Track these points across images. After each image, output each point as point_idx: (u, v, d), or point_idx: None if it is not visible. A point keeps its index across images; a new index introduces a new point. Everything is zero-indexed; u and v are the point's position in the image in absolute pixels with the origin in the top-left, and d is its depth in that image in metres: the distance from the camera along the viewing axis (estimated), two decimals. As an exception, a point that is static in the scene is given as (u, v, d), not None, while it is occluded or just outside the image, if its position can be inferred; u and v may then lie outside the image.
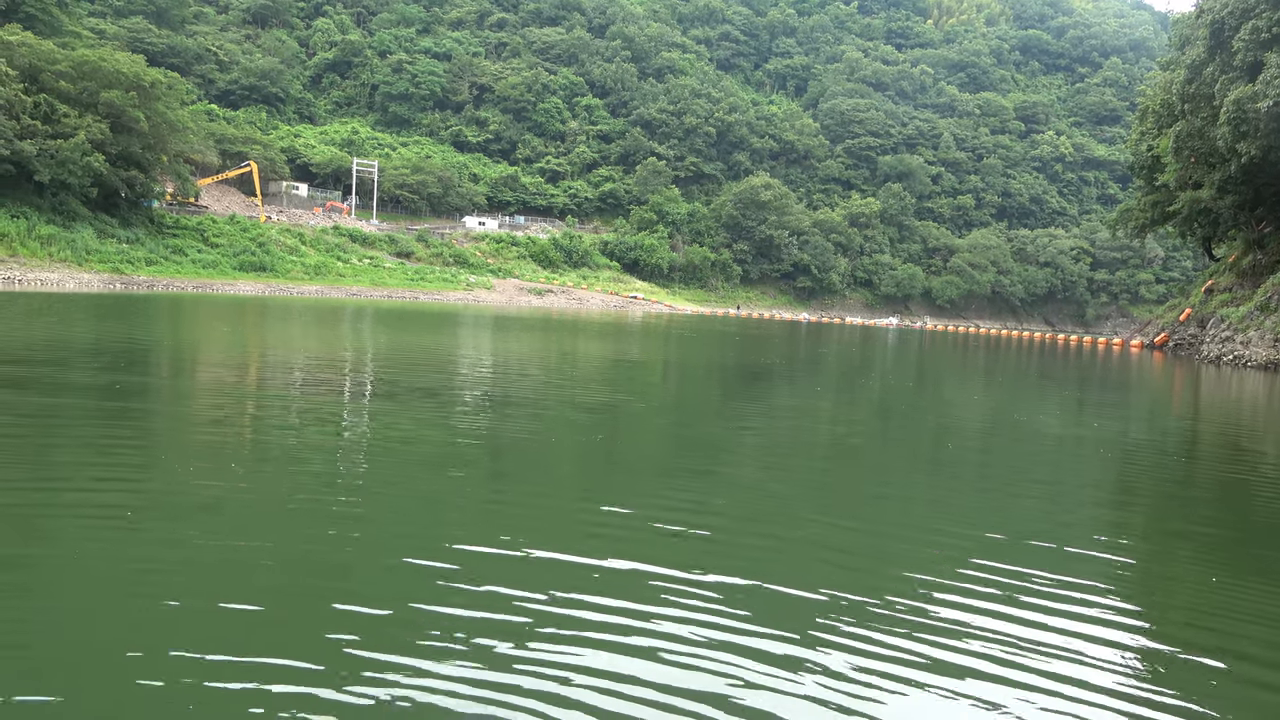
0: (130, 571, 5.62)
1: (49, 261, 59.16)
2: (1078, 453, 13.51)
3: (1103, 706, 4.49)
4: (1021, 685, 4.66)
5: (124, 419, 11.18)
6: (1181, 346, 52.69)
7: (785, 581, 6.00)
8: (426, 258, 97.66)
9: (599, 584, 5.76)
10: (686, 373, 24.86)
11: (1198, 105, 47.52)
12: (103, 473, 8.11)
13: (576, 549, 6.46)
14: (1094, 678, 4.80)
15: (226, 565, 5.75)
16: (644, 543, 6.77)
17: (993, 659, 4.95)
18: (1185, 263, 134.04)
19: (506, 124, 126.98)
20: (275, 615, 5.02)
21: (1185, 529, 8.62)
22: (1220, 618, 5.85)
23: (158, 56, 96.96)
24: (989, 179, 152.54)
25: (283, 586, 5.46)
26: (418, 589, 5.52)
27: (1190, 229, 59.17)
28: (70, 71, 64.82)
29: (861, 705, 4.34)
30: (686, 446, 12.11)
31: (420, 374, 19.10)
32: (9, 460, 8.38)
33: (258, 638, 4.71)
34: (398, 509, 7.39)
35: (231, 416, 11.92)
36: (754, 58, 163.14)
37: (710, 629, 5.10)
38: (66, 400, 12.21)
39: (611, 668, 4.55)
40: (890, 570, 6.51)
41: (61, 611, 4.93)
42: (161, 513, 6.91)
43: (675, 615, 5.28)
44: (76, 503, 7.12)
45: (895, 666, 4.77)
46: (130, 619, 4.88)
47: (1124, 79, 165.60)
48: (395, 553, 6.19)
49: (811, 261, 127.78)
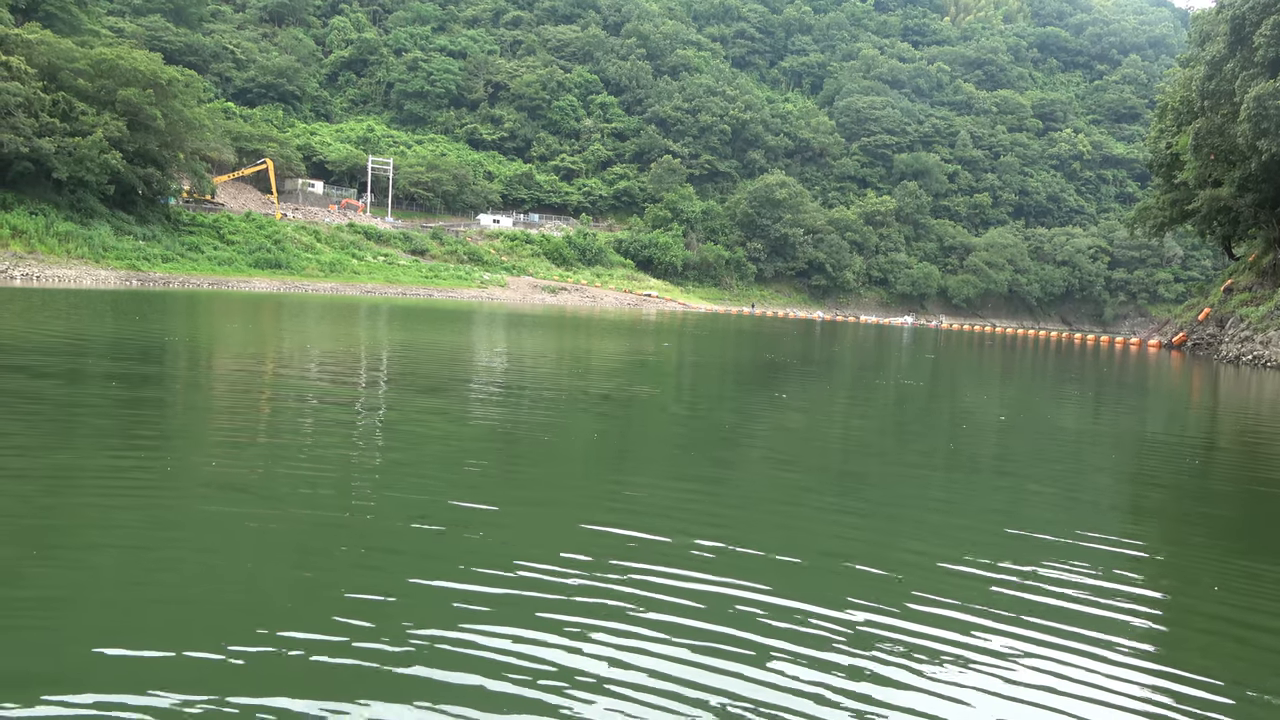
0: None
1: (66, 258, 59.58)
2: (1096, 468, 13.33)
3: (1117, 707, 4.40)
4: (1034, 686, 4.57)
5: (189, 407, 11.22)
6: (1200, 346, 52.14)
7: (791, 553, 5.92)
8: (441, 255, 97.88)
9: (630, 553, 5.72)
10: (701, 371, 24.76)
11: (1218, 102, 47.00)
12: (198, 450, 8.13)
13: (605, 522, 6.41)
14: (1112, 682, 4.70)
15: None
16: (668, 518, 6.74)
17: (1006, 657, 4.87)
18: (1205, 262, 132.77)
19: (521, 122, 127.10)
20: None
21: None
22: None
23: (175, 55, 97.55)
24: (1006, 177, 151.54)
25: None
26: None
27: (1210, 227, 58.55)
28: (88, 69, 65.27)
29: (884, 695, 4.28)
30: (708, 439, 12.03)
31: (452, 370, 19.10)
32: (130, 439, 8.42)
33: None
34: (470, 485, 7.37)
35: (288, 410, 11.94)
36: (769, 55, 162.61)
37: (717, 620, 5.04)
38: (121, 392, 12.30)
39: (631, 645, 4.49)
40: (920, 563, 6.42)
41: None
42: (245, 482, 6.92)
43: (697, 593, 5.24)
44: (123, 474, 7.14)
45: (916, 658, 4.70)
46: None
47: (1143, 76, 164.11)
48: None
49: (826, 260, 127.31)
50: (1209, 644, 5.44)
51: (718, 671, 4.54)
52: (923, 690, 4.50)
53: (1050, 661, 4.94)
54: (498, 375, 19.10)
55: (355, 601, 5.16)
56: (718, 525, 7.35)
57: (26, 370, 14.50)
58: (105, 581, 5.39)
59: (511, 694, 4.20)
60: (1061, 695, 4.54)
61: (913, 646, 4.99)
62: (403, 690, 4.15)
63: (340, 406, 12.87)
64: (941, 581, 6.16)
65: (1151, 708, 4.50)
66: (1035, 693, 4.56)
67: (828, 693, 4.39)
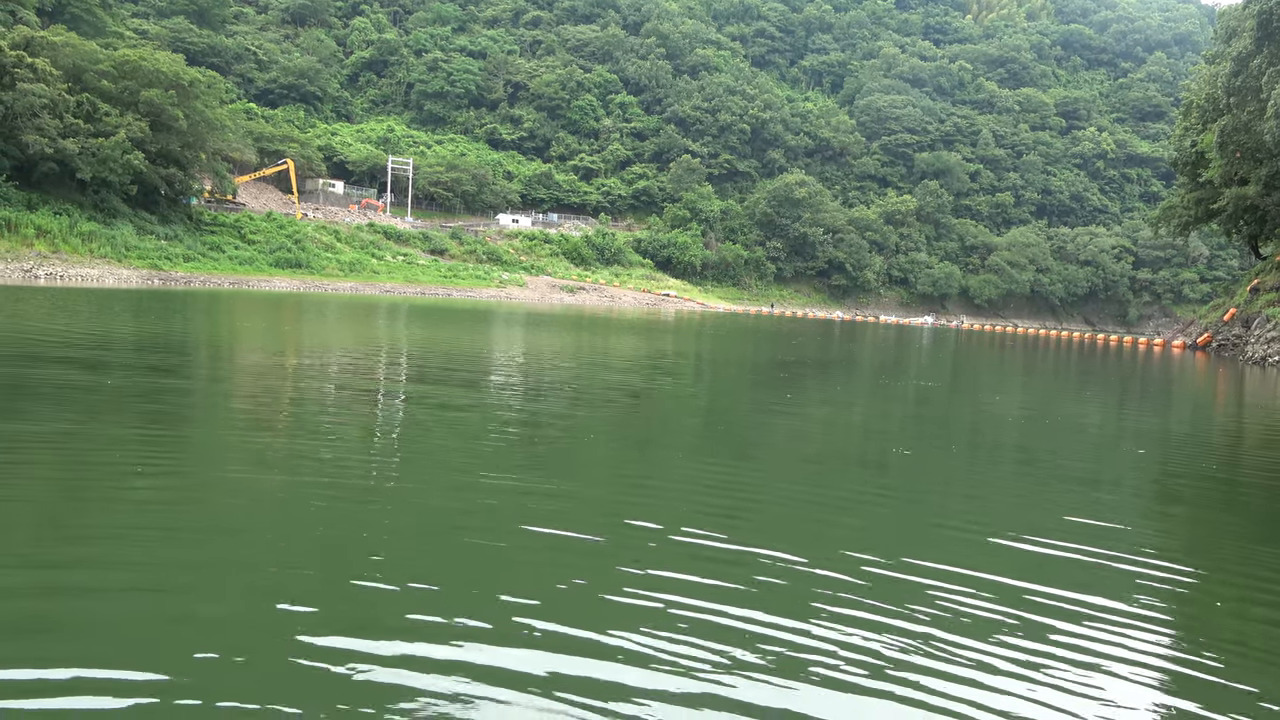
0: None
1: (89, 258, 60.17)
2: (1117, 474, 13.10)
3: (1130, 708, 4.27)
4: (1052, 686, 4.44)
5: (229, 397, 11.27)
6: (1225, 347, 51.39)
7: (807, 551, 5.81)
8: (460, 255, 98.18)
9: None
10: (719, 369, 24.63)
11: (1244, 99, 46.30)
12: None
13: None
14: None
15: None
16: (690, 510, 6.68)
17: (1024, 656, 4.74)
18: (1231, 261, 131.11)
19: (541, 121, 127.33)
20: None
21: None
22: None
23: (198, 56, 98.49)
24: (1029, 176, 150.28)
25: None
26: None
27: (1235, 226, 57.73)
28: (112, 71, 65.90)
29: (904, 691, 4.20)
30: (726, 437, 11.93)
31: (488, 367, 19.08)
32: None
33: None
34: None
35: (328, 408, 11.95)
36: (790, 54, 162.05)
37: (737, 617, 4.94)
38: (175, 383, 12.42)
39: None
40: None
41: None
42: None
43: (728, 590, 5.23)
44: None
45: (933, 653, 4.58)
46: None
47: (1169, 74, 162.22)
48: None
49: (846, 259, 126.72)
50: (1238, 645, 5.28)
51: (730, 671, 4.47)
52: (948, 689, 4.43)
53: (1077, 668, 4.83)
54: (520, 372, 19.06)
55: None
56: (732, 518, 7.25)
57: (78, 363, 15.45)
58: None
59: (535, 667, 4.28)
60: (1091, 701, 4.43)
61: (935, 646, 4.89)
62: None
63: (387, 399, 12.87)
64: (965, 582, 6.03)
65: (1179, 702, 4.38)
66: (1062, 696, 4.46)
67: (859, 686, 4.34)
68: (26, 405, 10.94)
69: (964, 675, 4.61)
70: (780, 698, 4.22)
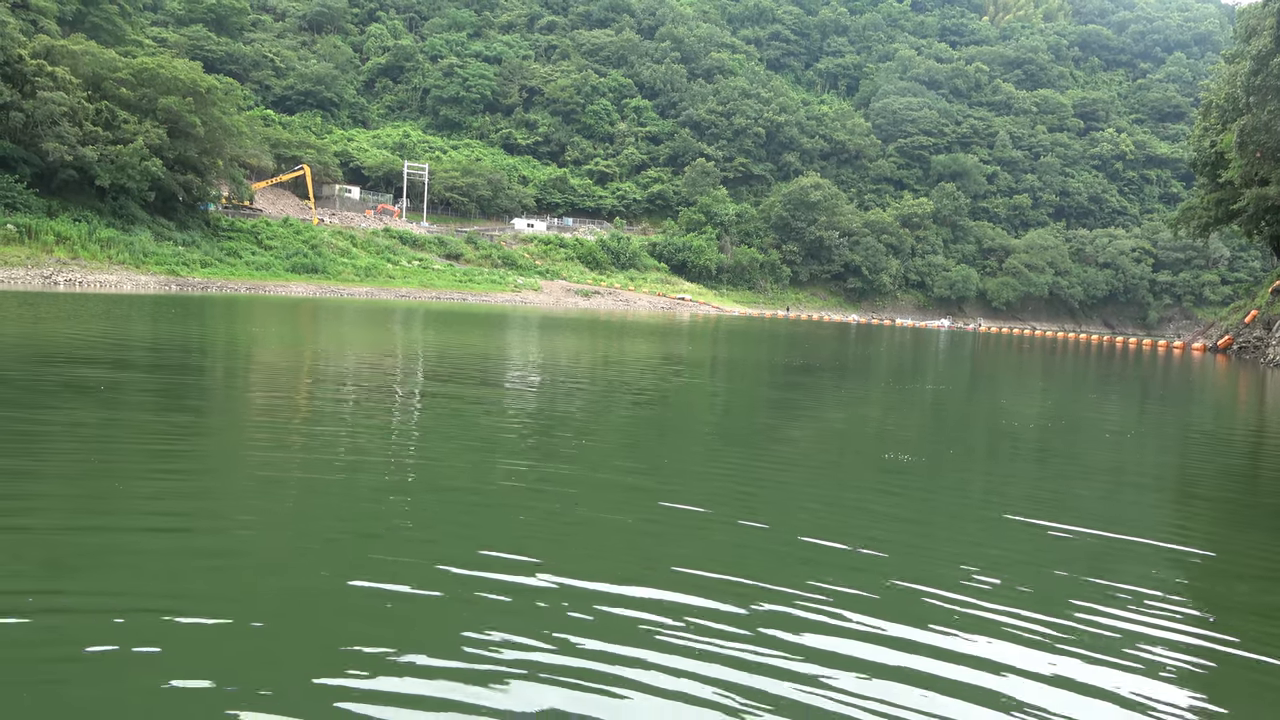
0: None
1: (108, 264, 60.69)
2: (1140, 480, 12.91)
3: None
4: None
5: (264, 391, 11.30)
6: (1246, 350, 50.78)
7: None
8: (475, 259, 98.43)
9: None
10: (735, 370, 24.51)
11: (1264, 98, 45.77)
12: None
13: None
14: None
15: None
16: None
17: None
18: (1253, 263, 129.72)
19: (555, 126, 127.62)
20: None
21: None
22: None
23: (216, 63, 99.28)
24: (1046, 178, 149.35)
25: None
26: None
27: (1257, 227, 57.08)
28: (130, 79, 66.48)
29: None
30: (747, 436, 11.83)
31: (499, 371, 19.07)
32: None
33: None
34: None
35: (366, 412, 11.95)
36: (805, 57, 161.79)
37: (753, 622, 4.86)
38: (204, 381, 12.47)
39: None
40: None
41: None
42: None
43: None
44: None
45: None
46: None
47: (1188, 74, 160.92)
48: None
49: (862, 262, 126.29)
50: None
51: (748, 668, 4.54)
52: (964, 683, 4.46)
53: (1099, 669, 4.80)
54: (539, 374, 19.02)
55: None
56: (750, 501, 7.17)
57: (107, 362, 16.37)
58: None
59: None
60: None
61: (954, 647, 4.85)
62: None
63: (412, 399, 12.87)
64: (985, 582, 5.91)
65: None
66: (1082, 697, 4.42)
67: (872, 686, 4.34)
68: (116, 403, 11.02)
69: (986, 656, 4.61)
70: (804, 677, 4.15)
